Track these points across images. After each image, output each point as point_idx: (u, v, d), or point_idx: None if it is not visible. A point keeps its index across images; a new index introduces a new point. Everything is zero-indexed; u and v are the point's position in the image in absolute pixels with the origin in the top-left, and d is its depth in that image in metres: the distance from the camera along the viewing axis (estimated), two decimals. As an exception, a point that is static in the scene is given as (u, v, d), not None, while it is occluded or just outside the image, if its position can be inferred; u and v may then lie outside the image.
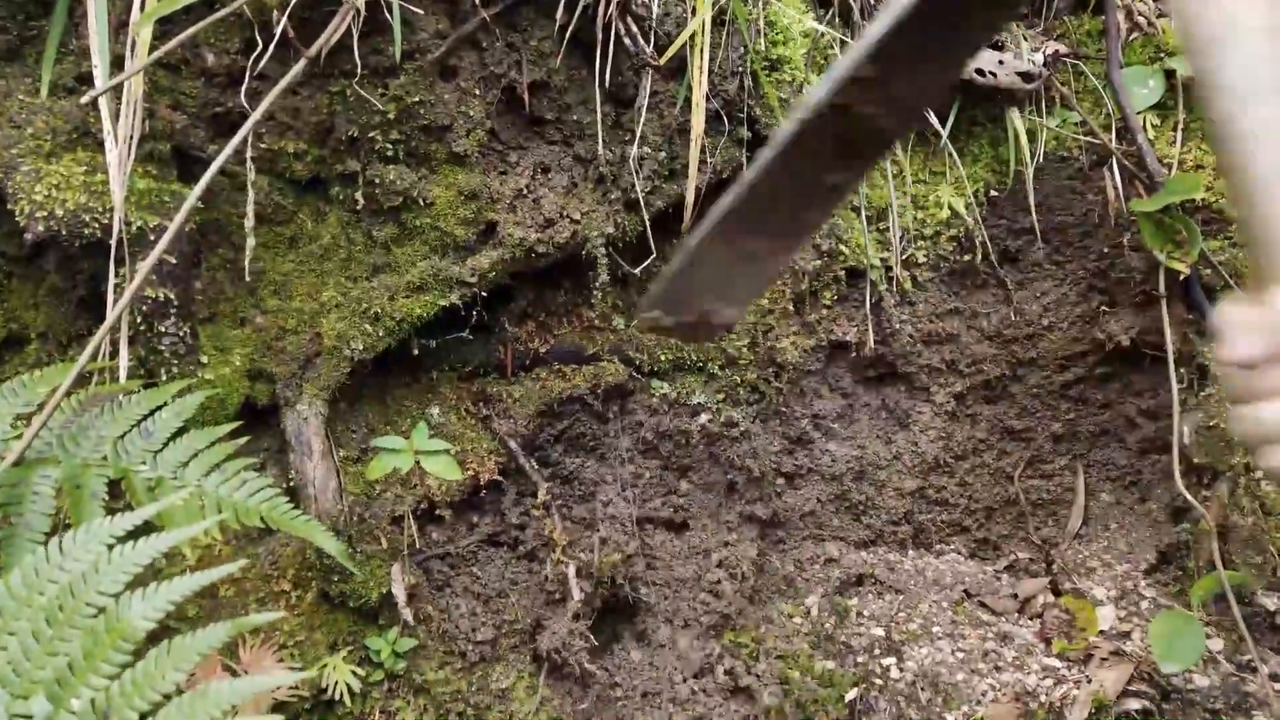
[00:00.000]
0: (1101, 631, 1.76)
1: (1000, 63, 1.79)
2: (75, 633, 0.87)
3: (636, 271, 1.70)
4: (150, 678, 0.85)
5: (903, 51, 0.80)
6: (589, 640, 1.59)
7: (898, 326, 1.87)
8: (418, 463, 1.49)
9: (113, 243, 1.32)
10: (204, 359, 1.47)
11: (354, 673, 1.48)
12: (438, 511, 1.63)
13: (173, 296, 1.40)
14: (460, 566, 1.67)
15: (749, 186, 0.87)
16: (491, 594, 1.66)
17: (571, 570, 1.60)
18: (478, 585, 1.66)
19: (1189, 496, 1.75)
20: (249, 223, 1.46)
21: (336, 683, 1.46)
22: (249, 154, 1.45)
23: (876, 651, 1.73)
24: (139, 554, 0.92)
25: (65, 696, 0.84)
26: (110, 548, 0.93)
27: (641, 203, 1.61)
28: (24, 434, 1.11)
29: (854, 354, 1.87)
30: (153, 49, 1.30)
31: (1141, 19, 1.92)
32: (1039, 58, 1.82)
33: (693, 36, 1.53)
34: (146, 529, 0.95)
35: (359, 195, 1.55)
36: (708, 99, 1.58)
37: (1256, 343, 0.58)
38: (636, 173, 1.60)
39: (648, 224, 1.63)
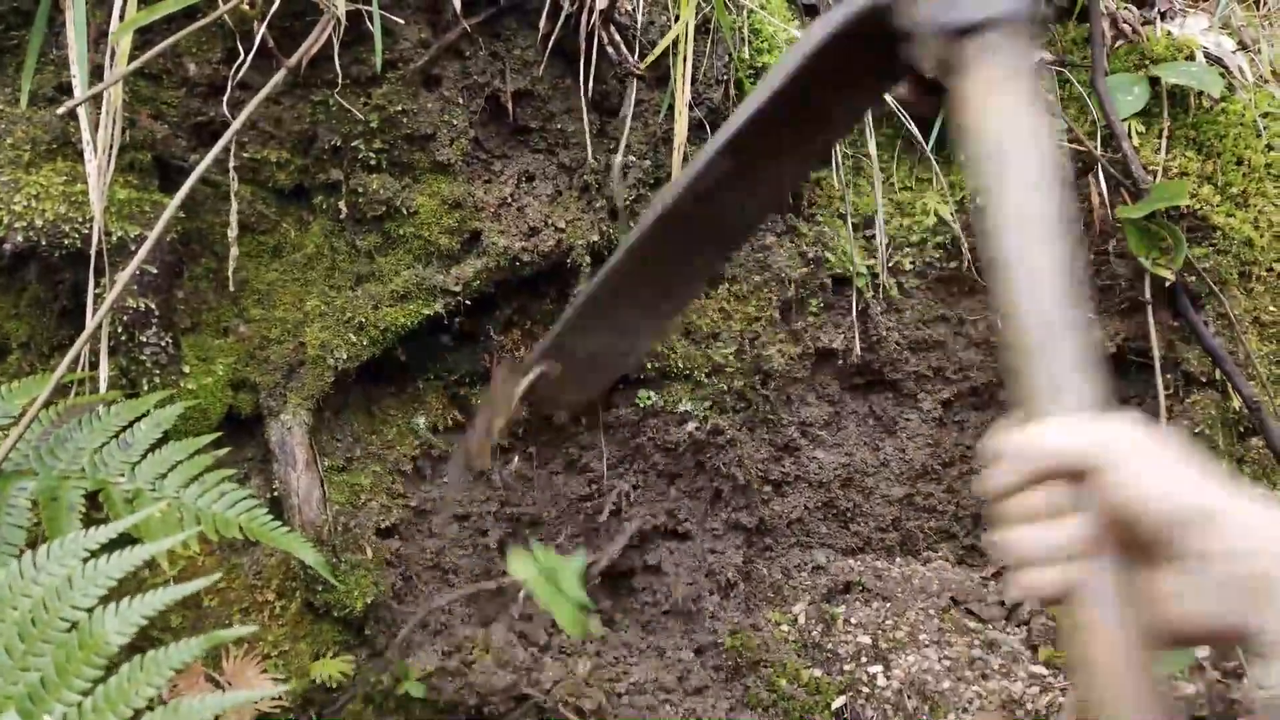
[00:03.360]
0: (1089, 638, 1.76)
1: (985, 70, 1.80)
2: (48, 647, 0.87)
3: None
4: (124, 692, 0.85)
5: (760, 146, 0.82)
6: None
7: (885, 334, 1.87)
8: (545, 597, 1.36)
9: (93, 253, 1.32)
10: (186, 369, 1.47)
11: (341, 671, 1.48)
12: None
13: (154, 306, 1.40)
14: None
15: (610, 273, 0.89)
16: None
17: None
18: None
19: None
20: (232, 232, 1.46)
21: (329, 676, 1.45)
22: (231, 163, 1.44)
23: (864, 659, 1.73)
24: (113, 567, 0.91)
25: (38, 712, 0.84)
26: (85, 561, 0.93)
27: (627, 211, 1.61)
28: (0, 446, 1.10)
29: (841, 361, 1.87)
30: (133, 58, 1.29)
31: (1126, 27, 1.93)
32: (1024, 65, 1.82)
33: (676, 44, 1.53)
34: (124, 542, 0.95)
35: (342, 204, 1.54)
36: (692, 107, 1.58)
37: (1005, 473, 0.62)
38: (621, 181, 1.60)
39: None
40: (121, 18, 1.30)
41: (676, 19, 1.54)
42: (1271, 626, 0.54)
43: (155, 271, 1.39)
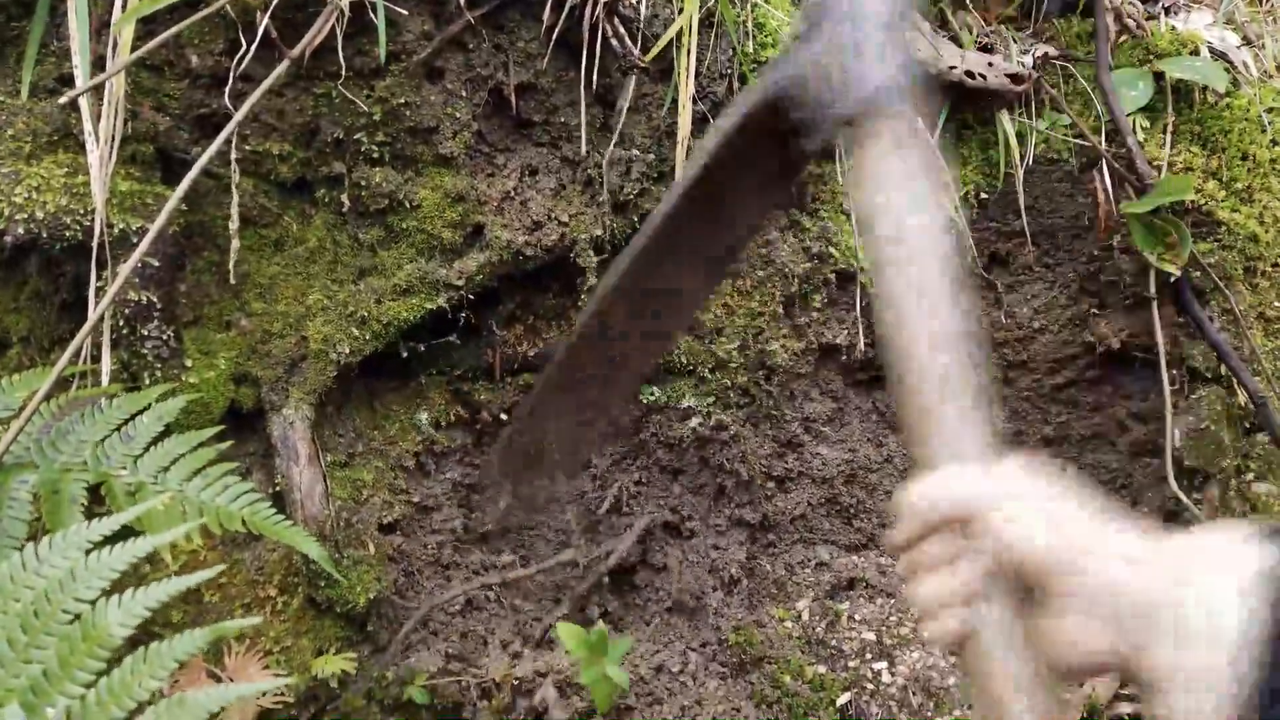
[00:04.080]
0: (1093, 635, 1.75)
1: (990, 65, 1.79)
2: (51, 640, 0.86)
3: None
4: (127, 685, 0.84)
5: (667, 252, 0.84)
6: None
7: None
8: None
9: (94, 245, 1.31)
10: (188, 363, 1.46)
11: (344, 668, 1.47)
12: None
13: (156, 300, 1.39)
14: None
15: (557, 362, 0.93)
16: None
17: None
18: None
19: (1184, 498, 1.75)
20: (233, 225, 1.45)
21: (332, 674, 1.45)
22: (233, 156, 1.44)
23: (868, 656, 1.72)
24: (116, 559, 0.90)
25: (40, 704, 0.83)
26: (87, 553, 0.92)
27: (631, 205, 1.60)
28: (1, 438, 1.09)
29: (844, 357, 1.86)
30: (135, 49, 1.28)
31: (1131, 21, 1.92)
32: (1028, 60, 1.82)
33: (679, 37, 1.52)
34: (127, 534, 0.94)
35: (345, 198, 1.54)
36: (696, 101, 1.57)
37: (903, 526, 0.65)
38: (625, 175, 1.59)
39: (638, 227, 1.62)
40: (124, 8, 1.29)
41: (680, 12, 1.53)
42: (1159, 657, 0.55)
43: (157, 264, 1.38)
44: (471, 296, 1.59)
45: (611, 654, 1.36)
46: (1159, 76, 1.83)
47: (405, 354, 1.62)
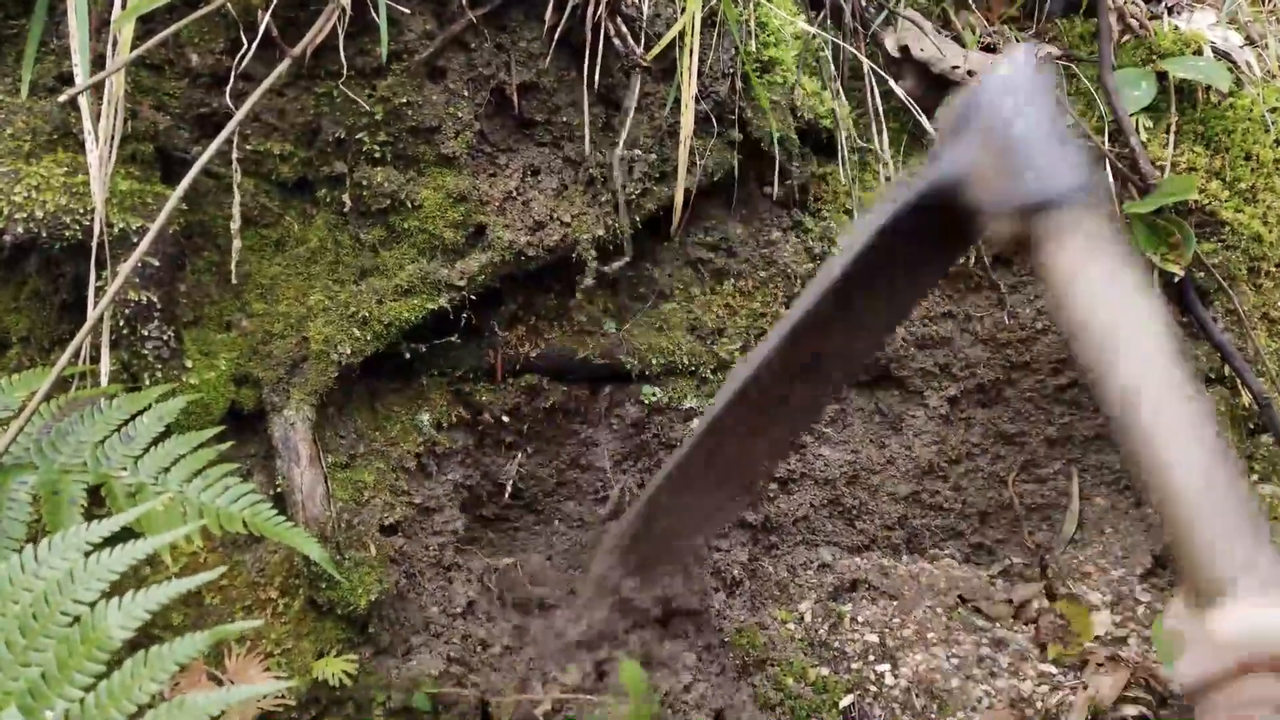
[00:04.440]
0: (1097, 637, 1.75)
1: (993, 65, 1.79)
2: (49, 642, 0.85)
3: (608, 271, 1.68)
4: (126, 688, 0.83)
5: (824, 330, 0.86)
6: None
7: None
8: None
9: (94, 245, 1.30)
10: (188, 363, 1.45)
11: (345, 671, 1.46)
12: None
13: (156, 300, 1.38)
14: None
15: (682, 460, 0.95)
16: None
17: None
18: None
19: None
20: (235, 225, 1.44)
21: (332, 674, 1.44)
22: (234, 155, 1.43)
23: (871, 658, 1.72)
24: (115, 561, 0.90)
25: (39, 708, 0.82)
26: (87, 555, 0.91)
27: (633, 205, 1.60)
28: (0, 439, 1.09)
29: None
30: (136, 48, 1.28)
31: (1134, 21, 1.92)
32: (1031, 60, 1.81)
33: (682, 36, 1.51)
34: (127, 536, 0.93)
35: (346, 197, 1.53)
36: (698, 101, 1.57)
37: (1206, 663, 0.58)
38: (627, 175, 1.58)
39: (639, 226, 1.61)
40: (123, 6, 1.29)
41: (683, 11, 1.52)
42: None
43: (157, 264, 1.37)
44: (473, 297, 1.59)
45: (646, 693, 1.38)
46: (1162, 76, 1.83)
47: (407, 355, 1.61)
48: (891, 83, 1.81)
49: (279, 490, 1.50)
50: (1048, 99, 0.71)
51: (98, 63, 1.32)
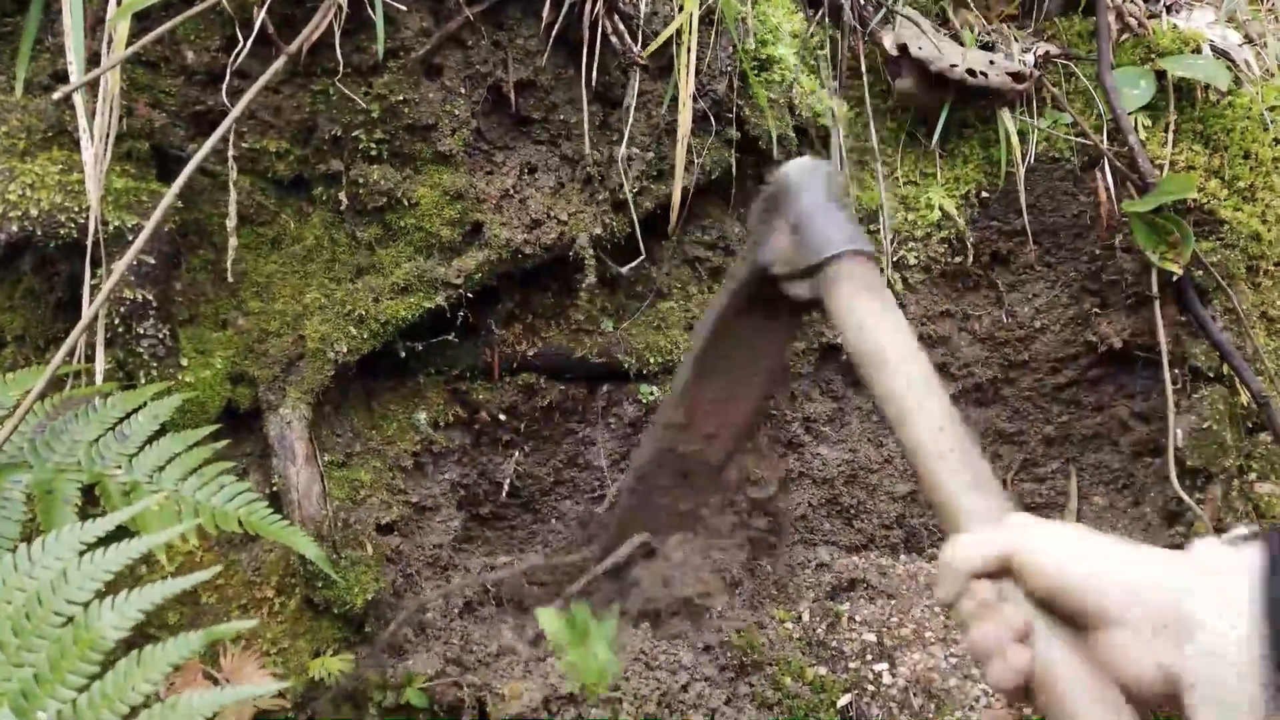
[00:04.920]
0: (1095, 636, 1.74)
1: (991, 63, 1.78)
2: (42, 643, 0.84)
3: (625, 272, 1.68)
4: (119, 689, 0.83)
5: (703, 396, 1.08)
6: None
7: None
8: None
9: (89, 243, 1.30)
10: (184, 361, 1.45)
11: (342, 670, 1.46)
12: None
13: (151, 298, 1.38)
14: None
15: (617, 523, 1.19)
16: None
17: None
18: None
19: (1186, 498, 1.74)
20: (231, 223, 1.43)
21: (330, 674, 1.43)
22: (230, 153, 1.42)
23: (869, 657, 1.71)
24: (109, 561, 0.89)
25: (31, 709, 0.82)
26: (81, 554, 0.90)
27: (630, 203, 1.59)
28: (-6, 438, 1.08)
29: (845, 357, 1.85)
30: (131, 45, 1.27)
31: (1132, 20, 1.92)
32: (1030, 58, 1.81)
33: (679, 34, 1.51)
34: (121, 535, 0.92)
35: (342, 195, 1.52)
36: (696, 98, 1.56)
37: (943, 586, 0.74)
38: (625, 173, 1.58)
39: (637, 225, 1.61)
40: (118, 2, 1.28)
41: (680, 9, 1.52)
42: (1190, 666, 0.57)
43: (153, 262, 1.37)
44: (470, 295, 1.58)
45: (595, 634, 1.33)
46: (1161, 75, 1.83)
47: (403, 353, 1.61)
48: (890, 81, 1.80)
49: (275, 489, 1.50)
50: (823, 181, 0.93)
51: (93, 60, 1.31)
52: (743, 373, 1.09)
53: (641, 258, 1.66)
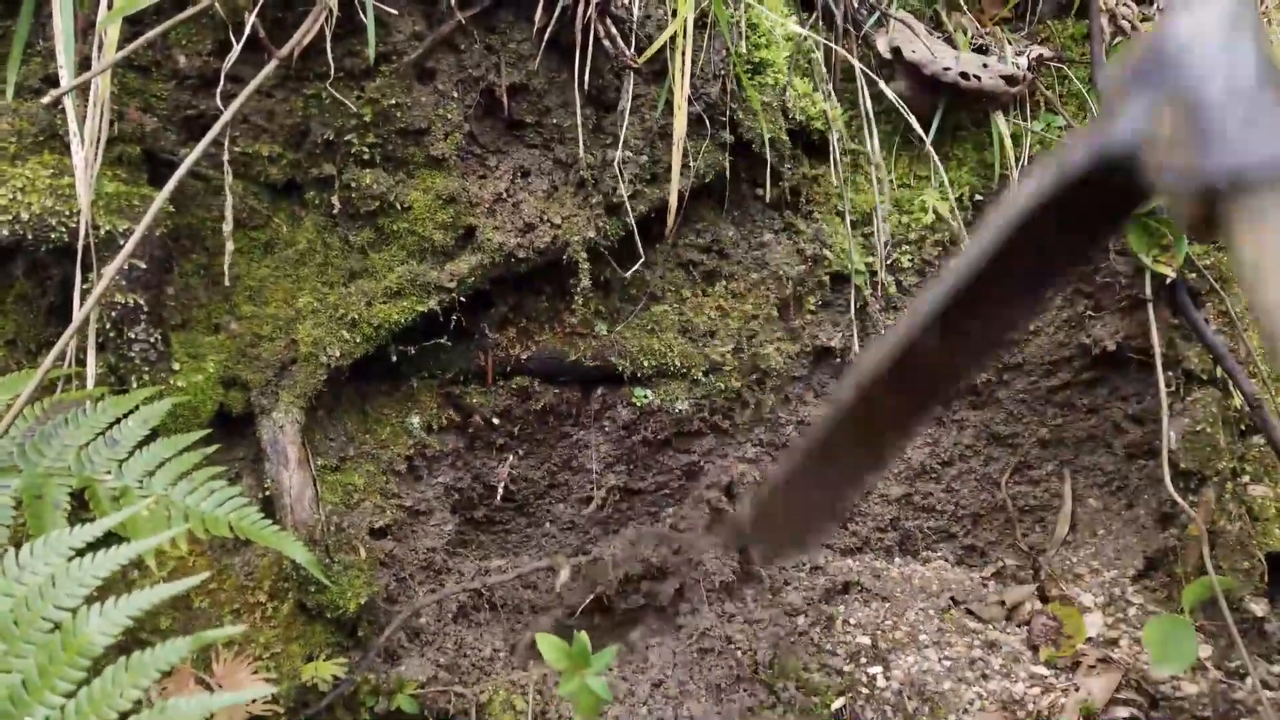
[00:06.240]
0: (1089, 639, 1.74)
1: (984, 66, 1.78)
2: (30, 648, 0.84)
3: (625, 276, 1.68)
4: (107, 695, 0.82)
5: (977, 295, 0.76)
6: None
7: (883, 332, 1.85)
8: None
9: (79, 247, 1.29)
10: (176, 366, 1.44)
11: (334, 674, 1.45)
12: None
13: (143, 302, 1.37)
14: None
15: (819, 434, 0.88)
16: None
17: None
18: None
19: (1179, 500, 1.74)
20: (227, 227, 1.43)
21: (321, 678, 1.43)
22: (225, 157, 1.42)
23: (863, 660, 1.71)
24: (99, 566, 0.89)
25: (19, 715, 0.81)
26: (70, 560, 0.90)
27: (624, 207, 1.59)
28: (-16, 443, 1.08)
29: (839, 360, 1.86)
30: (122, 49, 1.27)
31: (1125, 23, 1.92)
32: (1023, 61, 1.81)
33: (673, 38, 1.51)
34: (111, 540, 0.92)
35: (335, 199, 1.52)
36: (690, 102, 1.56)
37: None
38: (619, 176, 1.57)
39: (633, 228, 1.61)
40: (109, 7, 1.28)
41: (674, 13, 1.52)
42: None
43: (144, 266, 1.37)
44: (463, 299, 1.58)
45: (594, 664, 1.33)
46: (1154, 78, 1.82)
47: (396, 357, 1.61)
48: (883, 84, 1.80)
49: (267, 494, 1.49)
50: (1251, 46, 0.57)
51: (84, 64, 1.31)
52: (1029, 279, 0.80)
53: (640, 261, 1.66)
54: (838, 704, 1.63)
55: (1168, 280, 1.73)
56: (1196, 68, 0.56)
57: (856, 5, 1.84)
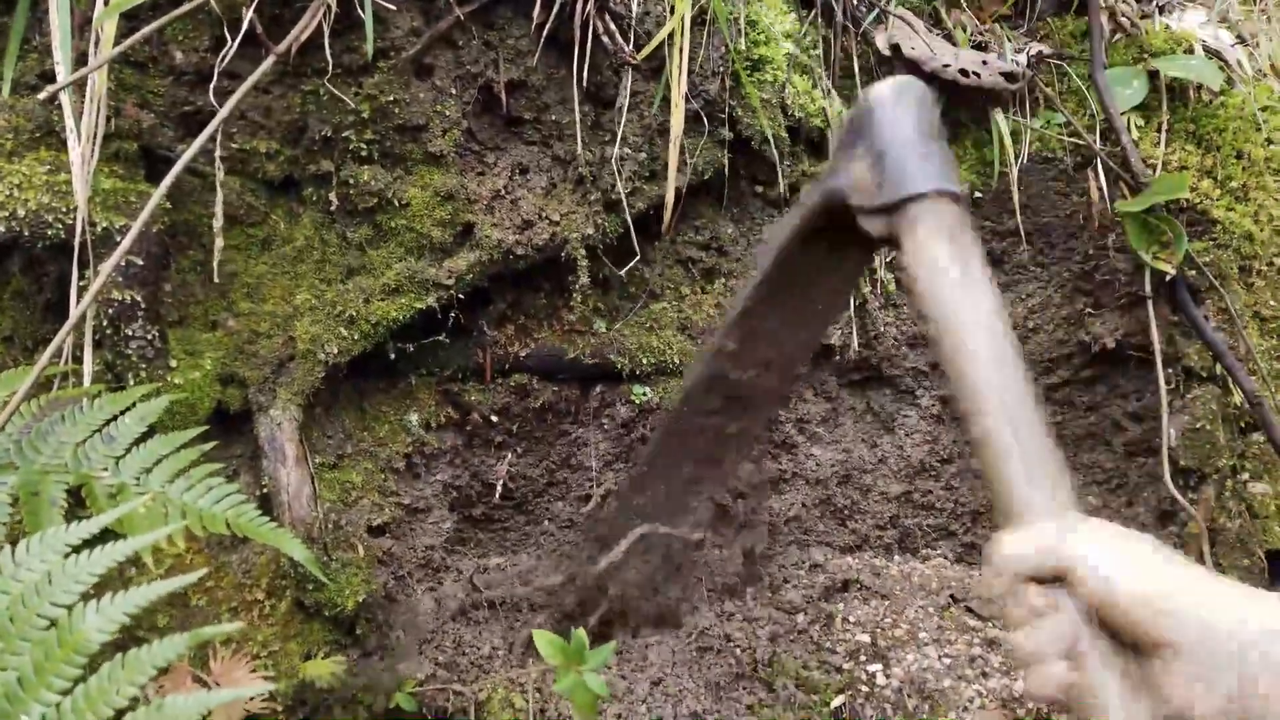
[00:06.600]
0: (1089, 636, 1.74)
1: (984, 63, 1.78)
2: (26, 645, 0.83)
3: (621, 273, 1.67)
4: (104, 692, 0.82)
5: (759, 325, 1.00)
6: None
7: (882, 329, 1.85)
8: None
9: (76, 244, 1.29)
10: (173, 363, 1.44)
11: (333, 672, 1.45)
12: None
13: (140, 299, 1.37)
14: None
15: (659, 443, 1.11)
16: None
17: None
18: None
19: (1180, 498, 1.74)
20: (217, 223, 1.43)
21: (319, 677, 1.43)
22: (218, 153, 1.42)
23: (862, 658, 1.71)
24: (95, 563, 0.88)
25: (15, 712, 0.81)
26: (66, 557, 0.90)
27: (622, 204, 1.59)
28: (-20, 440, 1.07)
29: (838, 357, 1.85)
30: (118, 45, 1.27)
31: (1125, 20, 1.92)
32: (1023, 58, 1.81)
33: (671, 35, 1.51)
34: (107, 537, 0.92)
35: (333, 196, 1.52)
36: (688, 99, 1.56)
37: (993, 582, 0.68)
38: (618, 174, 1.57)
39: (630, 225, 1.61)
40: (106, 2, 1.27)
41: (672, 10, 1.51)
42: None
43: (141, 263, 1.36)
44: (461, 296, 1.58)
45: (591, 661, 1.33)
46: (1153, 75, 1.83)
47: (394, 354, 1.60)
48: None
49: (265, 491, 1.49)
50: (918, 109, 0.81)
51: (80, 60, 1.30)
52: (801, 305, 0.99)
53: (637, 258, 1.65)
54: (837, 702, 1.62)
55: (1167, 277, 1.73)
56: (875, 129, 0.81)
57: (856, 2, 1.84)
